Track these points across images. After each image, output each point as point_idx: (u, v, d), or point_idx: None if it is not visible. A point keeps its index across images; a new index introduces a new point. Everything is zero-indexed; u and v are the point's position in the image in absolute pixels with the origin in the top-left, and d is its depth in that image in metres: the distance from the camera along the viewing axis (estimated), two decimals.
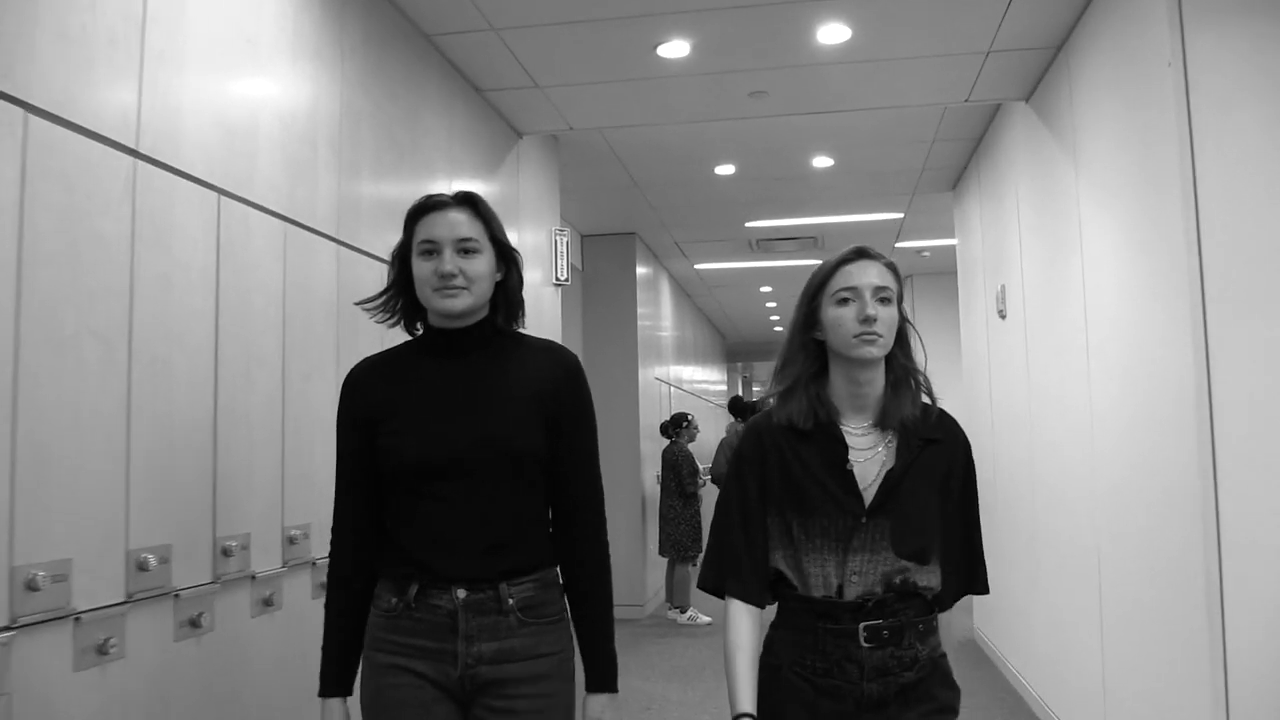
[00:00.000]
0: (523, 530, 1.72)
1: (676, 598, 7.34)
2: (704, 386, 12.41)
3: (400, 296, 1.79)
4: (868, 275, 1.68)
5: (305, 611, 2.51)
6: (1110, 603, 3.43)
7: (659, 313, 8.89)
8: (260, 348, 2.45)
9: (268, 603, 2.41)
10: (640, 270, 7.89)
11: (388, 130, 3.26)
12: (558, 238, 5.14)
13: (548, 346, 1.84)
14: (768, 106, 4.47)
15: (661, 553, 7.36)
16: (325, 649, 1.75)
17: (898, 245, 8.29)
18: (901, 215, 7.28)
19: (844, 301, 1.67)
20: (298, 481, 2.58)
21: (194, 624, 2.10)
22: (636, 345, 7.62)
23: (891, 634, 1.62)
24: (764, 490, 1.72)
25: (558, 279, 5.06)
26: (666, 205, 6.85)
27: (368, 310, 1.82)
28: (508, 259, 1.78)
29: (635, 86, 4.20)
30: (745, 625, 1.69)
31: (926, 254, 8.60)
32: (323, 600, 1.80)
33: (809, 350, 1.74)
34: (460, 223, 1.70)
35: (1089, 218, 3.56)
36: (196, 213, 2.23)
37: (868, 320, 1.64)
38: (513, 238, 1.91)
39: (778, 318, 13.19)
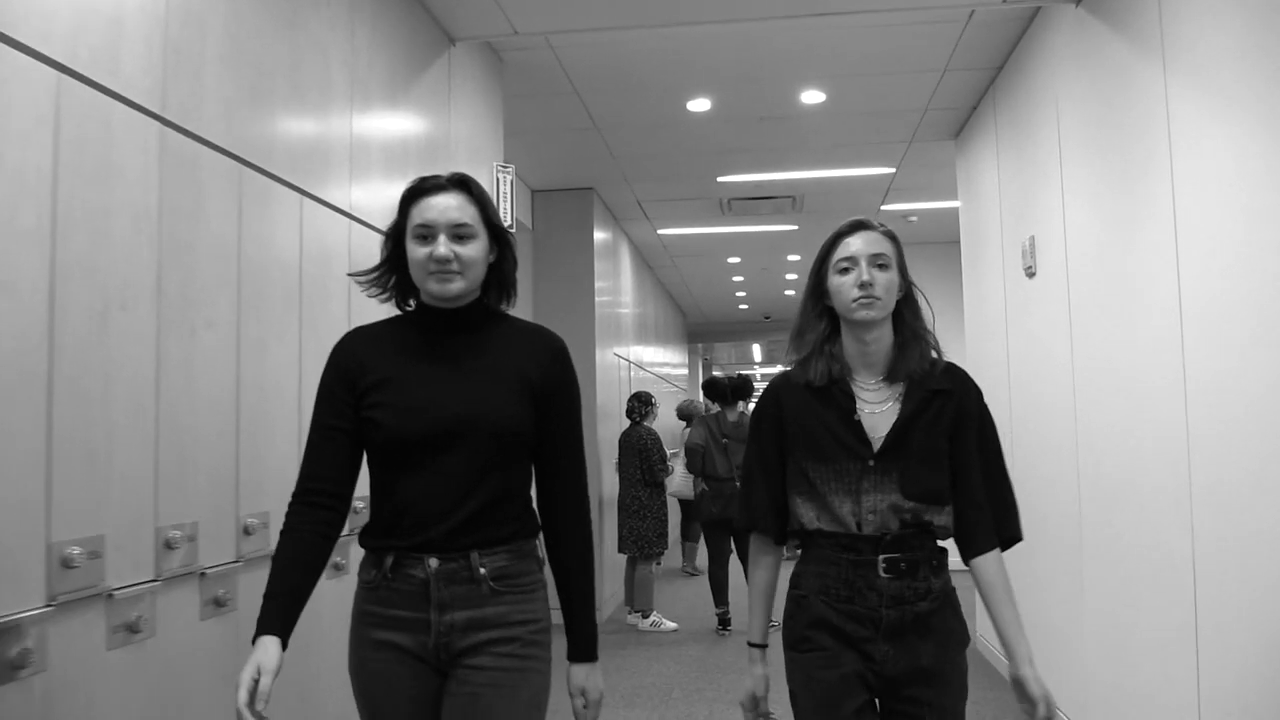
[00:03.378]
0: (500, 505, 1.73)
1: (638, 601, 6.49)
2: (666, 370, 11.56)
3: (393, 274, 1.80)
4: (866, 244, 1.84)
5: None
6: (1213, 623, 2.64)
7: (619, 285, 8.02)
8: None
9: None
10: (599, 235, 7.01)
11: None
12: (500, 175, 4.25)
13: (536, 329, 1.87)
14: (761, 2, 3.60)
15: (621, 549, 6.50)
16: (266, 595, 1.66)
17: (884, 208, 7.49)
18: (893, 170, 6.47)
19: (844, 270, 1.84)
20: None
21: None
22: (594, 316, 6.75)
23: (908, 566, 1.79)
24: (781, 442, 1.91)
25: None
26: (630, 153, 5.97)
27: (360, 284, 1.82)
28: (501, 241, 1.80)
29: None
30: (765, 563, 1.97)
31: (914, 219, 7.82)
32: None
33: (822, 317, 1.91)
34: (454, 207, 1.72)
35: (1187, 135, 2.74)
36: None
37: (864, 285, 1.80)
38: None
39: (744, 294, 12.36)
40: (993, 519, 1.87)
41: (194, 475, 2.04)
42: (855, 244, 1.84)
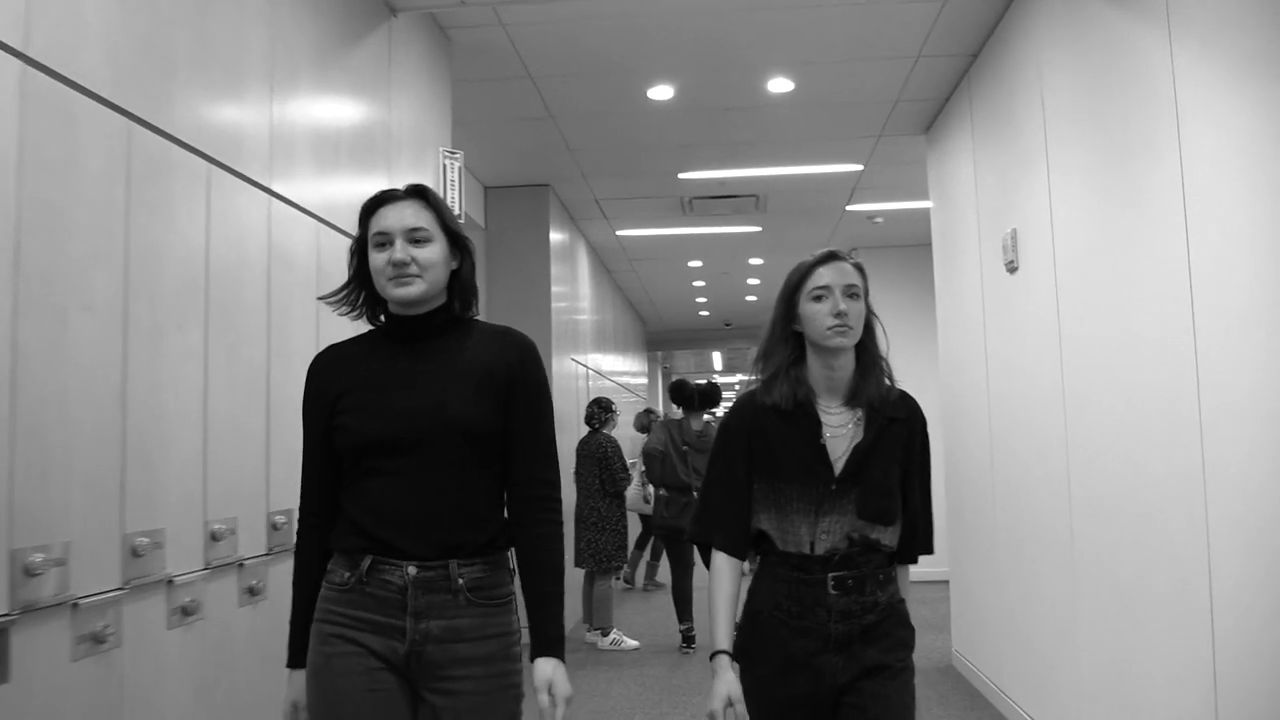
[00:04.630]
0: (473, 509, 1.74)
1: (597, 618, 6.16)
2: (626, 379, 11.24)
3: (361, 289, 1.82)
4: (839, 275, 1.93)
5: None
6: (1232, 648, 2.39)
7: (576, 289, 7.71)
8: None
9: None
10: (555, 235, 6.70)
11: None
12: (448, 161, 3.93)
13: (503, 330, 1.87)
14: None
15: (578, 564, 6.16)
16: (292, 622, 1.79)
17: (849, 208, 7.27)
18: (860, 167, 6.24)
19: (819, 298, 1.92)
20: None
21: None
22: (550, 320, 6.42)
23: (855, 583, 1.88)
24: (749, 460, 1.97)
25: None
26: (587, 146, 5.68)
27: (330, 304, 1.83)
28: (461, 248, 1.82)
29: None
30: (727, 575, 1.95)
31: (879, 220, 7.60)
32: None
33: (789, 341, 1.98)
34: (410, 213, 1.75)
35: (1196, 108, 2.51)
36: None
37: (840, 315, 1.89)
38: (384, 161, 1.99)
39: (705, 299, 12.11)
40: (921, 534, 2.00)
41: (63, 485, 1.70)
42: (829, 274, 1.92)
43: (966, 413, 4.84)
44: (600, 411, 6.32)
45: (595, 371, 8.45)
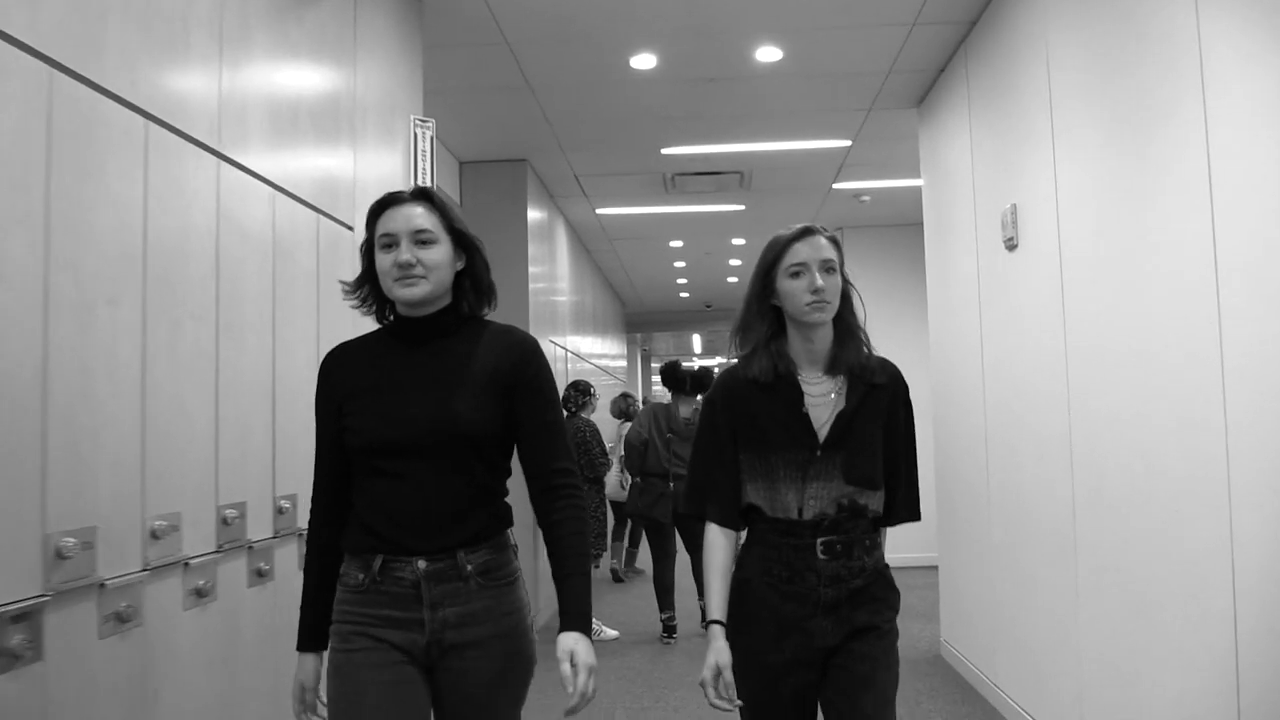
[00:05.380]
0: (477, 505, 1.80)
1: None
2: (605, 361, 11.04)
3: (368, 287, 1.87)
4: (815, 250, 1.95)
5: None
6: (1255, 638, 2.24)
7: (555, 270, 7.49)
8: None
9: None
10: (533, 213, 6.47)
11: None
12: (419, 130, 3.71)
13: (506, 329, 1.91)
14: None
15: None
16: (303, 608, 1.87)
17: (836, 186, 7.08)
18: (849, 143, 6.04)
19: (796, 275, 1.95)
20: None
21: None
22: (528, 301, 6.20)
23: (843, 548, 1.92)
24: (735, 432, 2.00)
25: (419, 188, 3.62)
26: (567, 118, 5.46)
27: (347, 300, 1.90)
28: (468, 247, 1.87)
29: None
30: (721, 546, 1.99)
31: (866, 199, 7.42)
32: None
33: (766, 316, 2.02)
34: (416, 215, 1.80)
35: (1224, 80, 2.33)
36: None
37: (817, 291, 1.93)
38: (349, 127, 1.97)
39: (685, 281, 11.91)
40: (906, 499, 2.03)
41: None
42: (805, 250, 1.95)
43: (959, 397, 4.68)
44: (578, 395, 6.13)
45: (574, 354, 8.24)
